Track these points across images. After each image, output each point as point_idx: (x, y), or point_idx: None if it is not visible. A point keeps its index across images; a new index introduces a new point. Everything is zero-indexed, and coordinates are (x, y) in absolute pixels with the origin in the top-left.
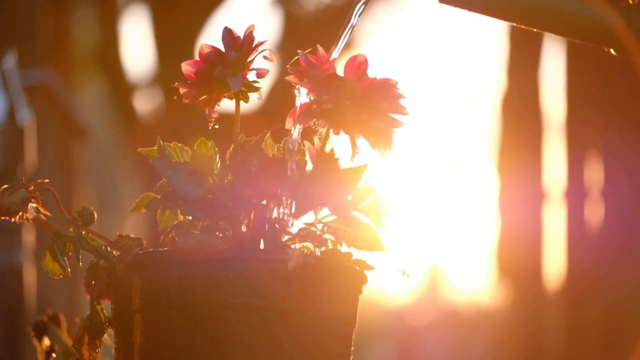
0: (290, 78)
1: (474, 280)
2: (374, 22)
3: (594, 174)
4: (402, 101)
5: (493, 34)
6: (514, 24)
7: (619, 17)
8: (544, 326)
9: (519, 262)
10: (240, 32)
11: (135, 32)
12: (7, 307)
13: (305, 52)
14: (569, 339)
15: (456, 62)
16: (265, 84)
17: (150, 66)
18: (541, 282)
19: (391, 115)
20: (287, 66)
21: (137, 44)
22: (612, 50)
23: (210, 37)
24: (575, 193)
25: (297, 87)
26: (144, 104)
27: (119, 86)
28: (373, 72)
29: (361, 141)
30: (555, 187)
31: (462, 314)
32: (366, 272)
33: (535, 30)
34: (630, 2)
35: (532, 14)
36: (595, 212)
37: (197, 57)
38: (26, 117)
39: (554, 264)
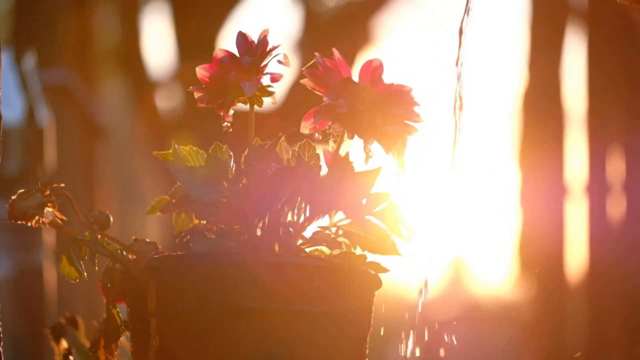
0: (306, 81)
1: (497, 275)
2: (393, 17)
3: (616, 168)
4: (416, 108)
5: (515, 28)
6: None
7: None
8: (567, 320)
9: (541, 256)
10: (255, 36)
11: (156, 30)
12: (28, 307)
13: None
14: (591, 333)
15: (477, 56)
16: (283, 83)
17: (171, 64)
18: (563, 276)
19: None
20: (303, 69)
21: (157, 42)
22: None
23: (231, 34)
24: (597, 187)
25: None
26: (164, 102)
27: (140, 85)
28: (389, 77)
29: (376, 146)
30: (577, 182)
31: (485, 308)
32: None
33: None
34: None
35: None
36: (617, 207)
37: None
38: (46, 117)
39: (576, 258)
